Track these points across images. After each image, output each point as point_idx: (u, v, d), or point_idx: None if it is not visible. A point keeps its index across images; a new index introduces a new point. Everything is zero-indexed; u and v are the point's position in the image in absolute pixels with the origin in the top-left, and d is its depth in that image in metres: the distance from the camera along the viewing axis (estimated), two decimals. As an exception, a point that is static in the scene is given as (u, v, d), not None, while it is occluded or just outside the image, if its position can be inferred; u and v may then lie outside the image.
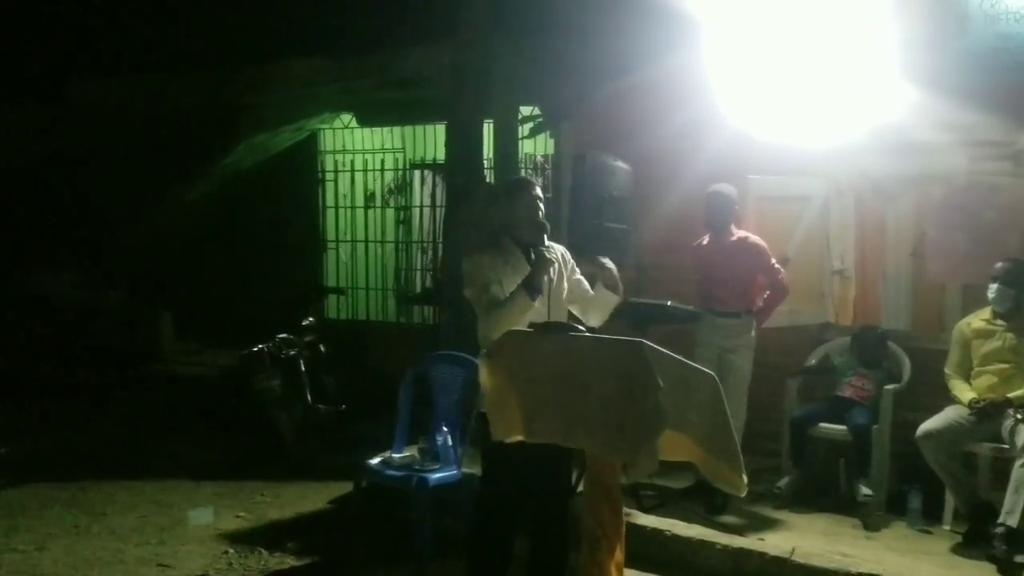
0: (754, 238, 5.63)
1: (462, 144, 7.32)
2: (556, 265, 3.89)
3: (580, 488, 4.20)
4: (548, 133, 7.73)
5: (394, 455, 5.11)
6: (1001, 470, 5.01)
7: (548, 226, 3.88)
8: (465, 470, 5.11)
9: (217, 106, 8.57)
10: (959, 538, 4.91)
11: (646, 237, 6.28)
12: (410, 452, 5.16)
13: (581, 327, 4.08)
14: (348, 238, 9.13)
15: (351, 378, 7.17)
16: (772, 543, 4.75)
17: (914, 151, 5.72)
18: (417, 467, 4.97)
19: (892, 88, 5.54)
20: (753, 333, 5.62)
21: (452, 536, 4.87)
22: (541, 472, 3.86)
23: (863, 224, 6.61)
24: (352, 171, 9.06)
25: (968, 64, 5.50)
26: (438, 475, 4.90)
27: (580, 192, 5.64)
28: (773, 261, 5.62)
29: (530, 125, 7.75)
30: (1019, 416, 4.87)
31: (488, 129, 7.55)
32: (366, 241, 9.05)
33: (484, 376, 3.98)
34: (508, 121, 7.55)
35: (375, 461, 5.11)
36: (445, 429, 5.05)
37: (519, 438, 3.96)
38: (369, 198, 9.05)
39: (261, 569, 4.84)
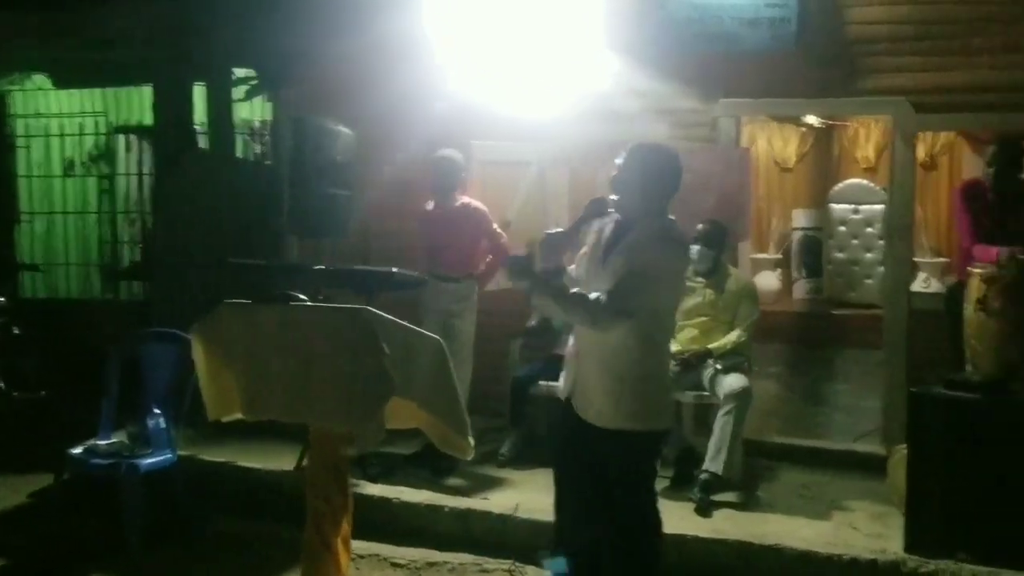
0: (476, 203, 5.71)
1: (171, 108, 6.92)
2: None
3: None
4: (265, 97, 7.42)
5: (100, 442, 4.72)
6: (703, 417, 5.42)
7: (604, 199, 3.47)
8: (181, 453, 4.82)
9: None
10: (667, 482, 5.22)
11: (371, 203, 6.19)
12: (119, 438, 4.78)
13: (302, 296, 3.95)
14: (45, 210, 8.36)
15: (53, 361, 6.58)
16: (497, 501, 4.87)
17: (619, 118, 5.97)
18: (127, 453, 4.61)
19: (598, 57, 5.78)
20: (475, 297, 5.72)
21: (167, 524, 4.60)
22: None
23: (576, 190, 6.86)
24: (47, 136, 8.29)
25: (667, 34, 5.84)
26: (149, 460, 4.57)
27: (300, 158, 5.46)
28: (495, 226, 5.73)
29: (245, 88, 7.41)
30: (718, 366, 5.26)
31: (200, 92, 7.16)
32: (65, 212, 8.33)
33: (197, 352, 3.77)
34: (221, 84, 7.19)
35: (78, 450, 4.69)
36: (157, 411, 4.72)
37: (236, 416, 3.80)
38: (68, 166, 8.33)
39: (-53, 576, 4.37)
